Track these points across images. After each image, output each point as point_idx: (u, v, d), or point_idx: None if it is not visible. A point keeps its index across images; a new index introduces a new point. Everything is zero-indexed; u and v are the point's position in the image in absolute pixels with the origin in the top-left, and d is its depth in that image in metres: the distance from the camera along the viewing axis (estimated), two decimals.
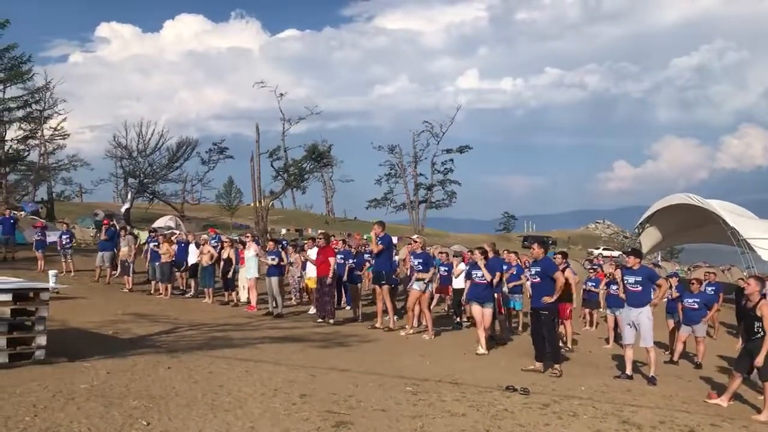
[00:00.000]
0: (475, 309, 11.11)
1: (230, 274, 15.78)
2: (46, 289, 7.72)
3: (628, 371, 9.69)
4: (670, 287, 12.57)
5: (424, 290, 12.21)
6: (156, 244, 17.28)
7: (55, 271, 16.90)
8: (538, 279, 9.86)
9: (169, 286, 16.81)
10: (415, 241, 13.10)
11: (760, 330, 8.14)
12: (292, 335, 11.40)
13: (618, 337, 13.43)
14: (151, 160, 45.83)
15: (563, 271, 12.66)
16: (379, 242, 12.93)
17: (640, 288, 9.72)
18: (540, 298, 9.71)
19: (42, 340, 7.35)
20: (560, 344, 12.56)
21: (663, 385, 9.32)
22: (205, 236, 19.05)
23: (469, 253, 12.53)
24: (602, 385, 8.86)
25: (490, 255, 11.99)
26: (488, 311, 11.13)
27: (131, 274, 17.43)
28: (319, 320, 13.42)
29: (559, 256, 13.38)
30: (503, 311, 13.52)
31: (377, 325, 13.07)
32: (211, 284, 16.15)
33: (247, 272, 15.33)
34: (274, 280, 14.39)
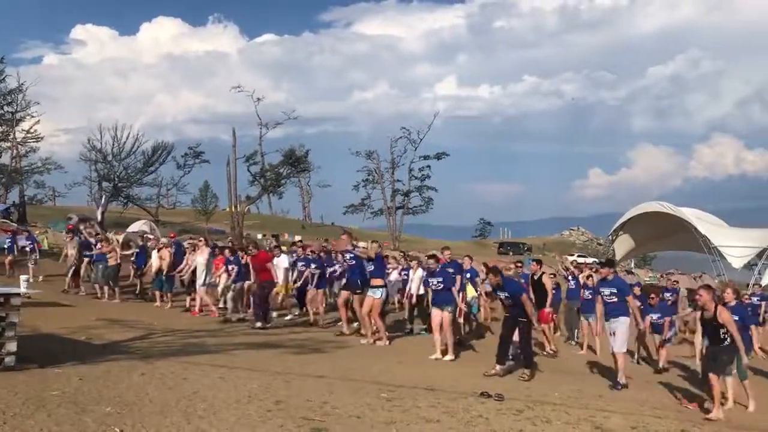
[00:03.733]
0: (435, 313, 11.13)
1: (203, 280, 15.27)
2: (18, 295, 7.61)
3: (618, 379, 9.77)
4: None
5: (378, 296, 12.13)
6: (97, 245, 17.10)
7: (27, 276, 16.64)
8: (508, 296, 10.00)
9: (117, 289, 16.54)
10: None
11: (726, 336, 8.29)
12: (268, 341, 11.36)
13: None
14: (126, 164, 45.28)
15: (540, 277, 12.84)
16: (351, 254, 12.95)
17: (615, 299, 9.85)
18: (519, 311, 9.81)
19: (12, 346, 7.23)
20: (549, 349, 12.74)
21: (635, 391, 9.45)
22: (191, 242, 18.75)
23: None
24: (576, 390, 8.95)
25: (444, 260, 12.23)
26: (447, 315, 11.08)
27: (70, 276, 17.29)
28: (257, 326, 13.07)
29: (534, 263, 13.58)
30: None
31: (345, 331, 13.01)
32: (170, 289, 15.95)
33: (199, 278, 14.89)
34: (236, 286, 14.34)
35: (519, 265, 15.17)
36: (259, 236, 52.13)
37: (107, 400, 6.15)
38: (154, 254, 16.54)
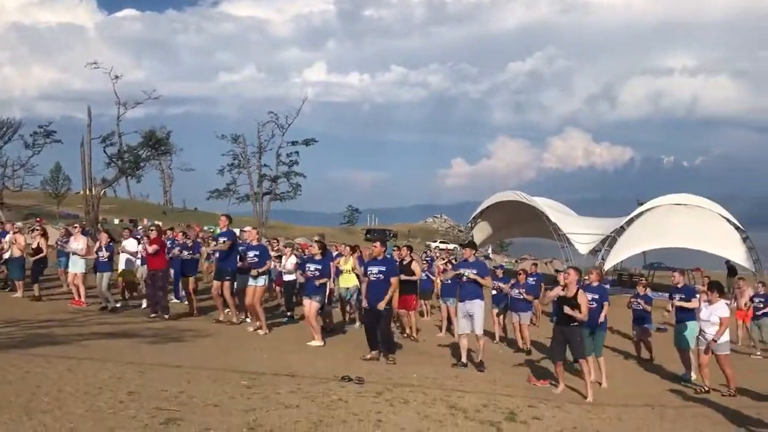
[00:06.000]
0: (305, 301, 11.17)
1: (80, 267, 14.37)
2: None
3: (464, 359, 10.18)
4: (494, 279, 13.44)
5: (262, 284, 12.07)
6: None
7: None
8: (381, 277, 10.08)
9: None
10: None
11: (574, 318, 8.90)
12: (122, 331, 10.87)
13: (450, 327, 14.20)
14: None
15: (410, 263, 13.15)
16: (224, 236, 12.70)
17: (473, 279, 10.25)
18: (379, 296, 9.98)
19: None
20: (413, 335, 13.04)
21: (488, 371, 9.92)
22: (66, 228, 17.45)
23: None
24: (433, 372, 9.28)
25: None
26: (315, 304, 11.23)
27: None
28: (153, 315, 12.89)
29: (405, 249, 13.92)
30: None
31: (221, 318, 12.83)
32: (20, 277, 14.86)
33: (73, 266, 14.21)
34: (106, 275, 13.68)
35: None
36: (116, 221, 49.76)
37: None
38: (8, 238, 15.31)
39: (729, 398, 9.40)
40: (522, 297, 13.14)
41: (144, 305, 14.09)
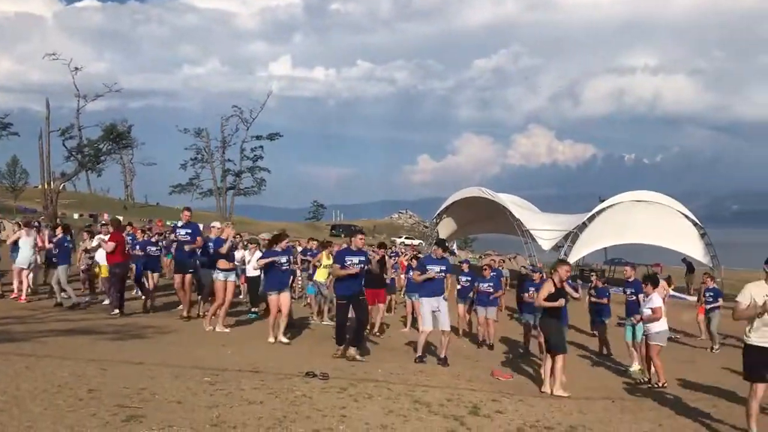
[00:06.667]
0: (272, 298, 11.07)
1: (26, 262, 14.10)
2: None
3: (419, 352, 10.23)
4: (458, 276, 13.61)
5: (233, 280, 11.98)
6: None
7: None
8: (362, 266, 10.14)
9: None
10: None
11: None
12: (82, 327, 10.68)
13: (415, 322, 14.28)
14: None
15: (381, 258, 13.25)
16: (186, 229, 12.57)
17: (443, 276, 10.35)
18: (356, 287, 9.99)
19: None
20: (374, 332, 13.05)
21: (452, 366, 10.01)
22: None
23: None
24: (398, 367, 9.31)
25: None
26: (285, 298, 11.13)
27: None
28: (113, 312, 12.67)
29: (382, 250, 14.08)
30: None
31: (184, 314, 12.69)
32: None
33: (19, 260, 13.83)
34: (61, 269, 13.40)
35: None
36: (76, 216, 48.82)
37: None
38: None
39: (687, 392, 9.68)
40: (490, 291, 13.31)
41: (106, 301, 13.88)
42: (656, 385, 9.82)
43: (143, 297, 14.17)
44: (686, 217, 30.20)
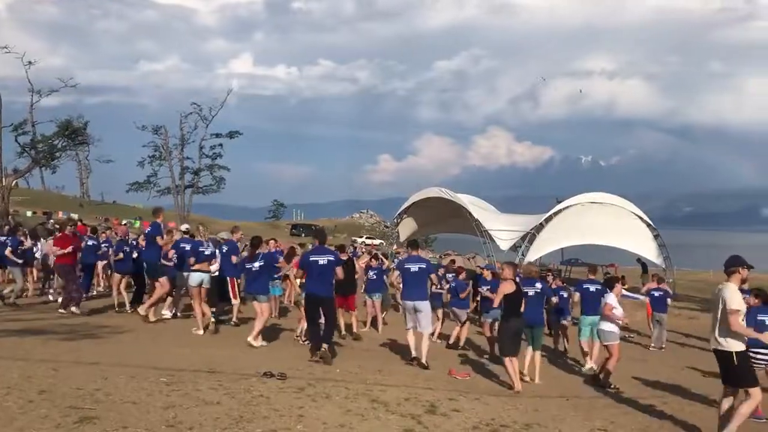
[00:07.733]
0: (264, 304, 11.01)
1: None
2: None
3: (414, 353, 10.25)
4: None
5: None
6: None
7: None
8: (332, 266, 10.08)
9: None
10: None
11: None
12: (33, 327, 10.44)
13: (374, 322, 14.38)
14: None
15: (350, 260, 13.26)
16: (151, 231, 12.53)
17: (425, 277, 10.42)
18: (327, 288, 9.96)
19: None
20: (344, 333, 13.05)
21: (410, 366, 10.04)
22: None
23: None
24: (356, 366, 9.32)
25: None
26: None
27: None
28: (61, 310, 12.39)
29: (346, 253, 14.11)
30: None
31: (151, 318, 12.40)
32: None
33: None
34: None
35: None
36: (29, 213, 47.58)
37: None
38: None
39: (640, 390, 9.93)
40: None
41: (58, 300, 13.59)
42: (609, 386, 9.99)
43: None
44: (640, 218, 30.85)
